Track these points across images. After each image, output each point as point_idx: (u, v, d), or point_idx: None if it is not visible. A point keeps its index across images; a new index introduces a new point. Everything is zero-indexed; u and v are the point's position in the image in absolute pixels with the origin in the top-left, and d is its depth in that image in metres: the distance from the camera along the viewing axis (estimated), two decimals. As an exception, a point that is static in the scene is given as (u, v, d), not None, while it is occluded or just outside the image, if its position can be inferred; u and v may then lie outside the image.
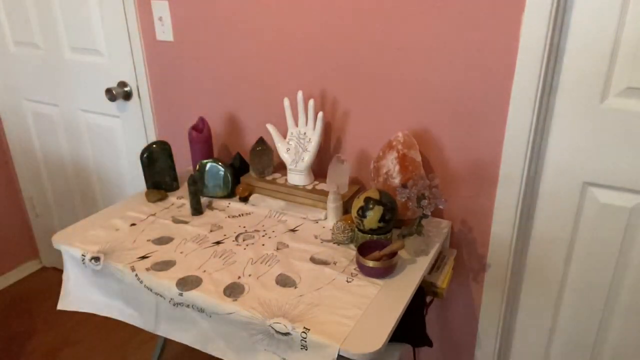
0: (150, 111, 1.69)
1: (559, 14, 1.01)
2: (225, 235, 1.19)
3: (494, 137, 1.15)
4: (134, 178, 1.89)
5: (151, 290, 1.03)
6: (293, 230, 1.21)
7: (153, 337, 1.94)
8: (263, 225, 1.24)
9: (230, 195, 1.39)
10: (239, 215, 1.29)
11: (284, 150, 1.33)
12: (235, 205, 1.35)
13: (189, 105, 1.61)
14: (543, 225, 1.22)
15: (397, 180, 1.19)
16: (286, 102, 1.29)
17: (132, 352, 1.87)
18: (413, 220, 1.17)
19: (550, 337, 1.33)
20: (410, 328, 1.08)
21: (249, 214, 1.30)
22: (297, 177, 1.34)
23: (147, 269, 1.05)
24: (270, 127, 1.34)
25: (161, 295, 1.02)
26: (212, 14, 1.43)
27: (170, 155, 1.40)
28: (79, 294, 1.17)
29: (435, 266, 1.18)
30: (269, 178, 1.39)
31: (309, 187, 1.34)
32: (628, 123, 1.04)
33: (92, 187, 2.03)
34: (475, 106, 1.15)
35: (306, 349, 0.87)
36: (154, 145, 1.37)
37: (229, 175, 1.36)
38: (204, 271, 1.04)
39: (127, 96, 1.72)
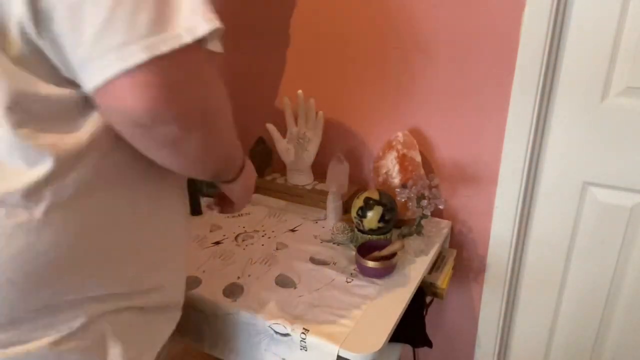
0: (150, 111, 1.69)
1: (559, 13, 1.00)
2: (224, 235, 1.19)
3: (493, 136, 1.15)
4: (134, 178, 1.88)
5: (150, 290, 1.03)
6: (293, 230, 1.21)
7: (153, 337, 1.94)
8: (262, 225, 1.23)
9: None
10: (239, 215, 1.29)
11: (283, 150, 1.33)
12: (234, 205, 1.34)
13: (189, 105, 1.60)
14: (543, 225, 1.21)
15: (396, 180, 1.19)
16: (286, 101, 1.28)
17: (132, 352, 1.86)
18: (413, 220, 1.17)
19: (550, 337, 1.33)
20: (410, 328, 1.08)
21: (249, 214, 1.30)
22: (297, 177, 1.34)
23: (147, 270, 1.05)
24: (270, 127, 1.34)
25: (160, 296, 1.02)
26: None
27: (169, 155, 1.40)
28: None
29: (435, 266, 1.18)
30: (268, 178, 1.39)
31: (309, 187, 1.33)
32: (628, 123, 1.04)
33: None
34: (475, 106, 1.15)
35: (306, 350, 0.87)
36: (154, 145, 1.37)
37: None
38: (203, 271, 1.04)
39: (127, 96, 1.71)
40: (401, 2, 1.14)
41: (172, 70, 0.48)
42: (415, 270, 1.05)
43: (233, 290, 0.98)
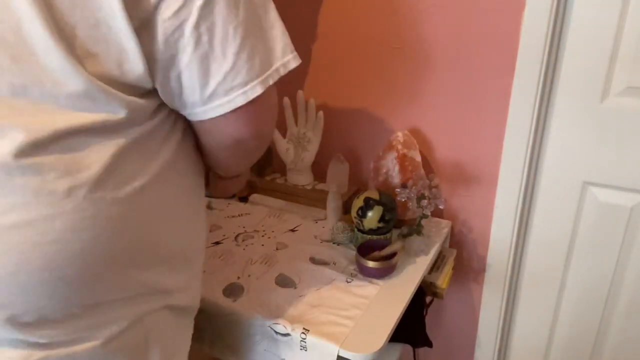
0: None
1: (559, 13, 1.00)
2: (224, 235, 1.19)
3: (493, 136, 1.15)
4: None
5: (150, 290, 1.03)
6: (293, 230, 1.21)
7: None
8: (262, 225, 1.23)
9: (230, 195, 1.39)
10: (239, 215, 1.29)
11: (283, 150, 1.33)
12: (234, 205, 1.34)
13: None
14: (543, 225, 1.21)
15: (396, 180, 1.19)
16: (286, 102, 1.28)
17: (132, 352, 1.86)
18: (413, 220, 1.17)
19: (550, 336, 1.33)
20: (410, 328, 1.08)
21: (249, 214, 1.30)
22: (296, 177, 1.34)
23: (147, 270, 1.05)
24: (269, 127, 1.34)
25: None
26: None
27: (169, 155, 1.40)
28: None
29: (435, 266, 1.18)
30: (268, 178, 1.39)
31: (309, 187, 1.33)
32: (628, 122, 1.04)
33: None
34: (476, 106, 1.15)
35: (306, 350, 0.87)
36: (154, 145, 1.37)
37: None
38: (204, 271, 1.03)
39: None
40: (401, 2, 1.14)
41: (269, 99, 0.62)
42: (415, 270, 1.05)
43: (233, 290, 0.98)
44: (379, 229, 1.08)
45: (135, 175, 0.57)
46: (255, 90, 0.58)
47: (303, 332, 0.86)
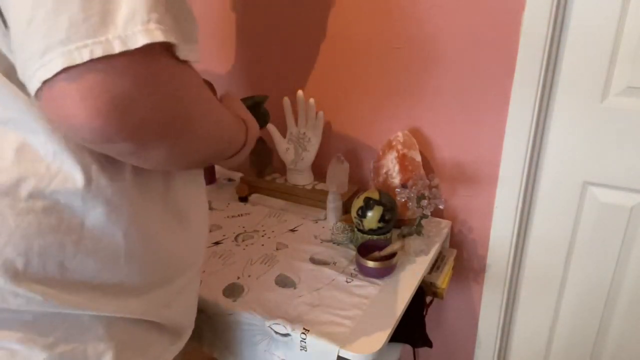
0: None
1: (559, 13, 1.00)
2: (224, 235, 1.19)
3: (493, 136, 1.15)
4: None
5: (150, 290, 1.03)
6: (293, 230, 1.21)
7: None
8: (262, 225, 1.23)
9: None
10: (239, 215, 1.29)
11: (283, 150, 1.33)
12: (234, 205, 1.34)
13: (189, 104, 1.60)
14: (543, 225, 1.21)
15: (396, 180, 1.19)
16: (286, 101, 1.28)
17: (132, 351, 1.86)
18: (413, 220, 1.17)
19: (550, 337, 1.33)
20: (410, 328, 1.08)
21: (249, 214, 1.30)
22: (296, 176, 1.34)
23: (147, 270, 1.05)
24: (270, 127, 1.33)
25: (160, 296, 1.02)
26: (210, 14, 1.42)
27: (169, 155, 1.39)
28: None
29: (435, 266, 1.18)
30: (268, 178, 1.39)
31: (309, 187, 1.33)
32: (628, 122, 1.04)
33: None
34: (476, 106, 1.15)
35: (306, 350, 0.87)
36: (154, 145, 1.37)
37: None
38: (204, 272, 1.04)
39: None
40: (401, 2, 1.14)
41: (111, 82, 0.40)
42: (415, 270, 1.05)
43: (233, 290, 0.98)
44: (379, 229, 1.08)
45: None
46: (54, 64, 0.39)
47: (303, 332, 0.86)
